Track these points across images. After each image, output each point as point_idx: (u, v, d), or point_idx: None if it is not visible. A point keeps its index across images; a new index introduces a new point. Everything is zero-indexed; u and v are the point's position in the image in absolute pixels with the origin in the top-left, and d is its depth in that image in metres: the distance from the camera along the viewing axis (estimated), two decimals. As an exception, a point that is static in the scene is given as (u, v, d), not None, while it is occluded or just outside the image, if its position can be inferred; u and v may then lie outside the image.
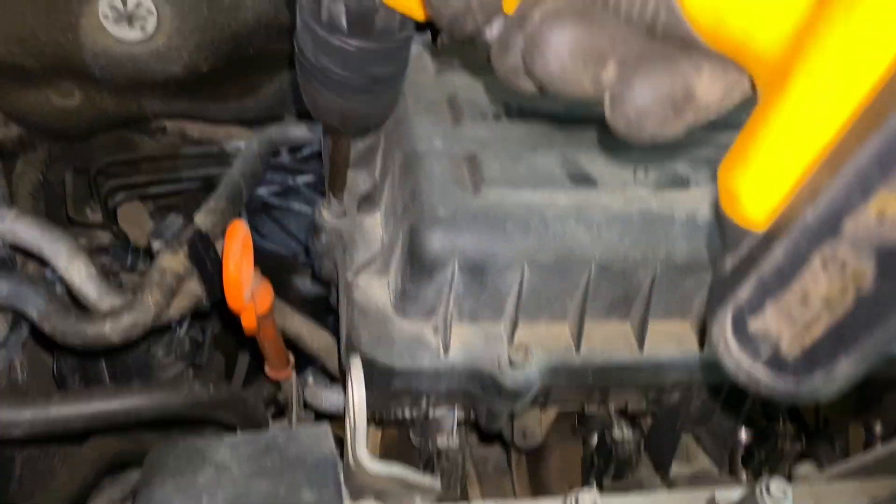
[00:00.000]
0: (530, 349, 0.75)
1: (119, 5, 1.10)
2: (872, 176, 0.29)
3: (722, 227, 0.40)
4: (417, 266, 0.73)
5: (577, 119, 0.86)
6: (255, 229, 1.80)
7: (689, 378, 0.84)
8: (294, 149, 1.54)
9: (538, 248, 0.74)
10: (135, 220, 1.55)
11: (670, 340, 0.80)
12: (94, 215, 1.49)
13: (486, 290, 0.75)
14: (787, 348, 0.35)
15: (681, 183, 0.80)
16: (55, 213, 1.42)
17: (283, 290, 1.66)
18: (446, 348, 0.76)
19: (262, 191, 1.69)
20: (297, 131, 1.24)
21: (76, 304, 0.91)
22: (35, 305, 0.83)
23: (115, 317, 0.83)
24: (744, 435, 1.02)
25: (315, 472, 0.65)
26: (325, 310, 1.64)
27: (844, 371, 0.33)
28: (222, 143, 1.54)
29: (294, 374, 1.00)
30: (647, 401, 0.92)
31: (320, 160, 1.60)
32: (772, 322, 0.35)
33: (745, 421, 1.00)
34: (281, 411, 1.20)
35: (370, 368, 0.76)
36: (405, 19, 0.58)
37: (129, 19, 1.11)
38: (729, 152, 0.38)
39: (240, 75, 1.29)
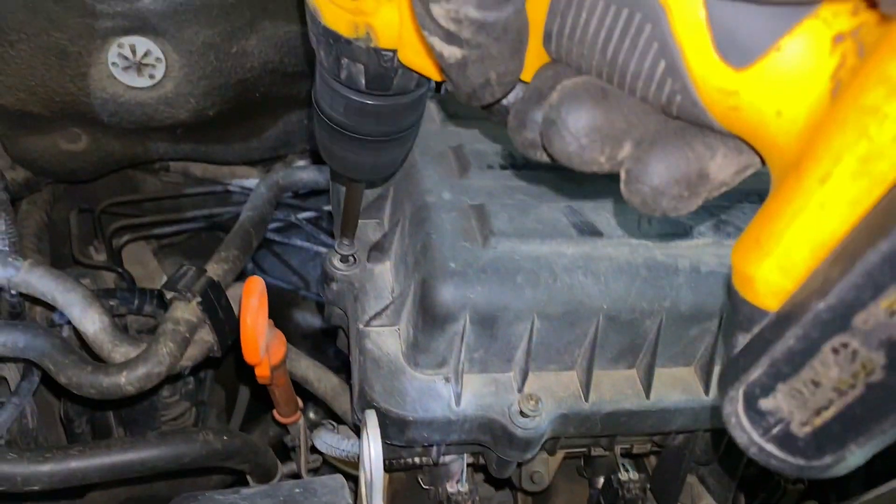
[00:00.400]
0: (540, 399, 0.77)
1: (128, 54, 1.12)
2: (883, 277, 0.31)
3: (734, 305, 0.41)
4: (429, 318, 0.75)
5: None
6: (256, 264, 1.81)
7: (695, 422, 0.85)
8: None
9: (548, 300, 0.75)
10: (139, 259, 1.56)
11: (676, 387, 0.82)
12: (98, 255, 1.50)
13: (496, 342, 0.77)
14: (798, 429, 0.36)
15: (683, 233, 0.82)
16: (59, 253, 1.43)
17: (284, 323, 1.67)
18: (458, 399, 0.77)
19: (264, 227, 1.70)
20: (304, 174, 1.26)
21: (87, 350, 0.92)
22: (50, 358, 0.84)
23: (131, 368, 0.84)
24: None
25: (333, 526, 0.66)
26: (325, 343, 1.66)
27: (854, 454, 0.34)
28: (226, 183, 1.56)
29: (302, 419, 1.01)
30: (652, 444, 0.94)
31: (321, 196, 1.62)
32: (783, 403, 0.36)
33: (748, 460, 1.02)
34: (286, 453, 1.21)
35: (383, 419, 0.77)
36: (421, 77, 0.60)
37: (138, 68, 1.13)
38: (743, 235, 0.40)
39: (245, 118, 1.31)
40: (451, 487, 0.90)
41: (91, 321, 0.89)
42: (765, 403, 0.37)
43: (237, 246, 1.02)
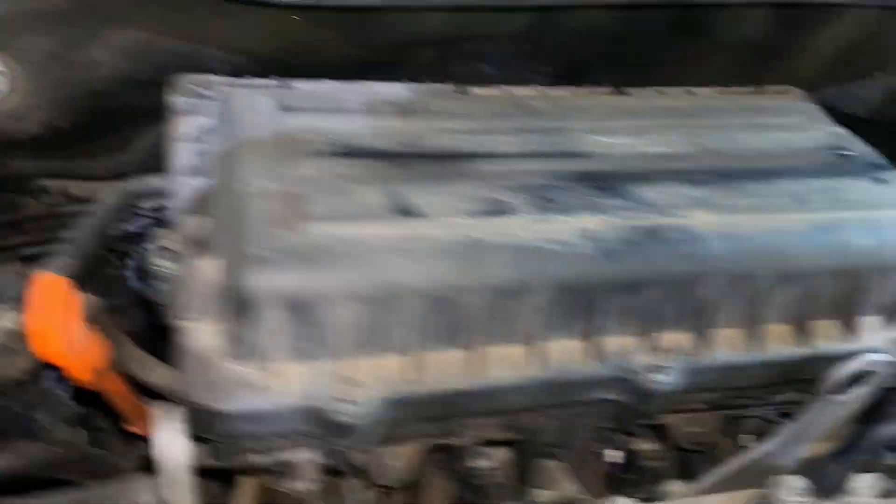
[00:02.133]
0: (360, 383, 0.75)
1: (-28, 68, 1.09)
2: None
3: None
4: (240, 307, 0.73)
5: (406, 155, 0.88)
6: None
7: (534, 401, 0.84)
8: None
9: (363, 283, 0.74)
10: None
11: (505, 364, 0.81)
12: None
13: (312, 328, 0.75)
14: None
15: (501, 211, 0.82)
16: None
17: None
18: (277, 389, 0.75)
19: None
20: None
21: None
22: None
23: None
24: (610, 457, 1.03)
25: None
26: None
27: None
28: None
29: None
30: (504, 429, 0.92)
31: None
32: None
33: (612, 443, 1.01)
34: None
35: (201, 415, 0.75)
36: None
37: (-15, 82, 1.11)
38: None
39: (106, 131, 1.29)
40: (301, 486, 0.88)
41: None
42: None
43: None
